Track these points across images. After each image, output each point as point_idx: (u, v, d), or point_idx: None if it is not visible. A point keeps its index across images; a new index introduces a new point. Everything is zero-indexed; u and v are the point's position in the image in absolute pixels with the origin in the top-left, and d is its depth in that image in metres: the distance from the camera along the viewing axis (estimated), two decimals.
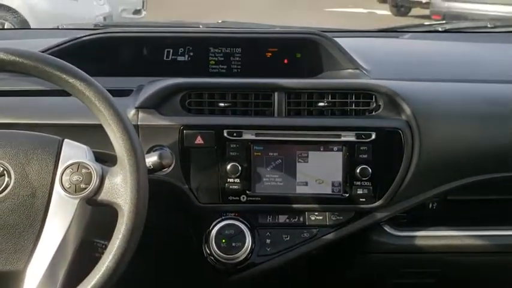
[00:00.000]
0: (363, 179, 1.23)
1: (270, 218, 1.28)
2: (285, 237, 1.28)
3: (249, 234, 1.25)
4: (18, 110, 1.24)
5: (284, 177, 1.24)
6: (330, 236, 1.28)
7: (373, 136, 1.23)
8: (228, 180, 1.23)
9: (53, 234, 0.95)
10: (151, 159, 1.13)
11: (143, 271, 1.37)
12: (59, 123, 1.21)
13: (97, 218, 1.02)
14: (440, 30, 1.97)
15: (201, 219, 1.27)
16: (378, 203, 1.25)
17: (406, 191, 1.26)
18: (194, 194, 1.24)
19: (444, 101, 1.31)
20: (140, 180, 0.94)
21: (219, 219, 1.26)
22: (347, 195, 1.24)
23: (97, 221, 1.02)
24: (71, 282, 0.95)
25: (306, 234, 1.28)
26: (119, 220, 0.93)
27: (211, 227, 1.25)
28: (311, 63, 1.44)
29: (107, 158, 1.08)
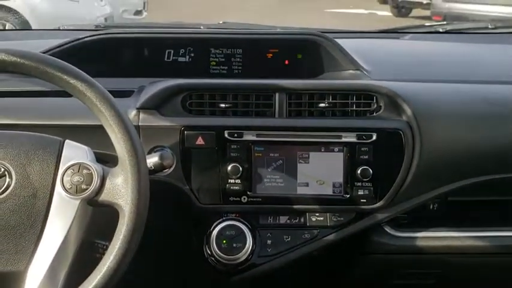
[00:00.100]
0: (364, 179, 1.23)
1: (270, 219, 1.28)
2: (285, 238, 1.28)
3: (249, 235, 1.25)
4: (20, 111, 1.24)
5: (285, 178, 1.24)
6: (331, 237, 1.28)
7: (374, 137, 1.23)
8: (228, 181, 1.23)
9: (54, 234, 0.95)
10: (152, 160, 1.14)
11: (144, 272, 1.37)
12: (60, 124, 1.21)
13: (98, 218, 1.02)
14: (441, 31, 1.97)
15: (202, 220, 1.27)
16: (379, 204, 1.25)
17: (406, 192, 1.26)
18: (195, 194, 1.24)
19: (445, 101, 1.31)
20: (141, 181, 0.94)
21: (220, 220, 1.26)
22: (348, 196, 1.24)
23: (98, 221, 1.02)
24: (72, 282, 0.95)
25: (306, 235, 1.28)
26: (119, 221, 0.93)
27: (212, 228, 1.25)
28: (312, 64, 1.44)
29: (108, 159, 1.08)
